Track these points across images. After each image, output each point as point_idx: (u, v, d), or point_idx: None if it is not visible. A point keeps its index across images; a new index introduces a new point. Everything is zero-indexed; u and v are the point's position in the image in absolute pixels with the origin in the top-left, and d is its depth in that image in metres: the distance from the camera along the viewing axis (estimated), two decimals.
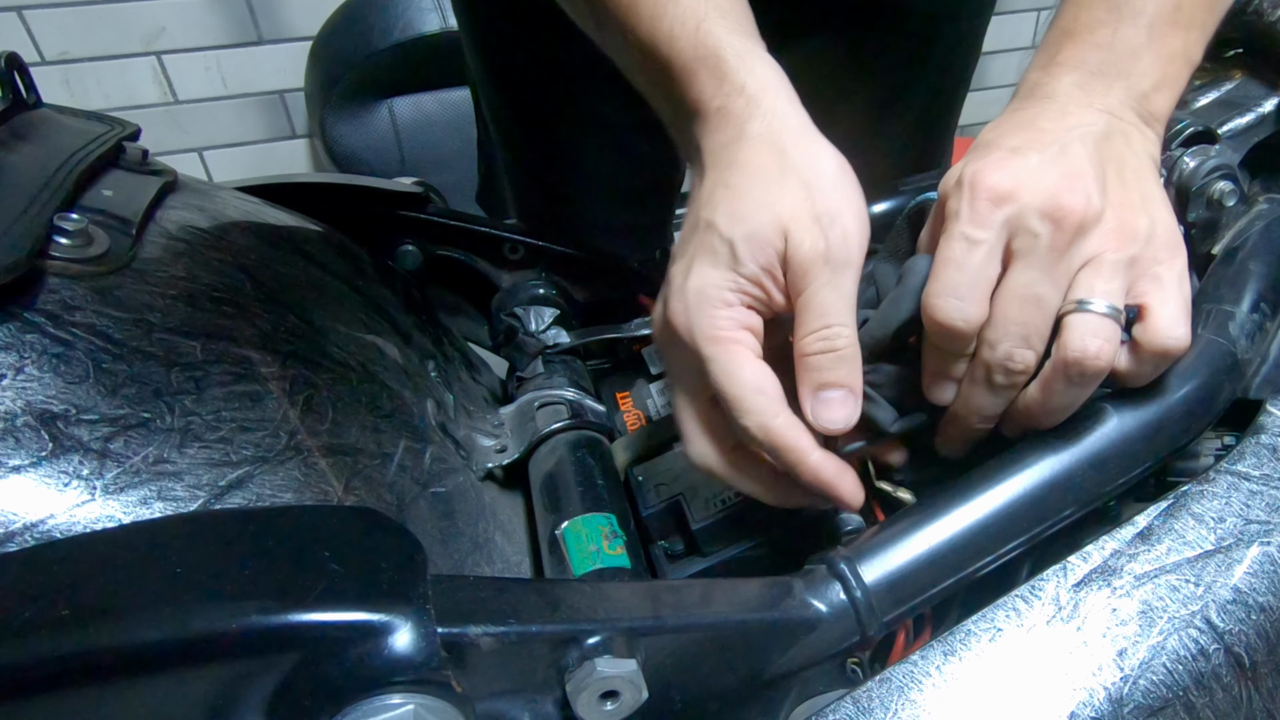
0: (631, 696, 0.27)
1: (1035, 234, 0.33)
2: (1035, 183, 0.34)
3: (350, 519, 0.27)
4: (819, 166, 0.38)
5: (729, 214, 0.37)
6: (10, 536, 0.27)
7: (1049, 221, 0.33)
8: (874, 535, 0.34)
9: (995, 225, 0.34)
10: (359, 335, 0.43)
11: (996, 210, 0.34)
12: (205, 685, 0.23)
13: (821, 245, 0.36)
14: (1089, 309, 0.33)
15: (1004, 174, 0.34)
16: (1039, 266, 0.33)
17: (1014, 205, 0.33)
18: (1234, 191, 0.42)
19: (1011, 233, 0.34)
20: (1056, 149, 0.35)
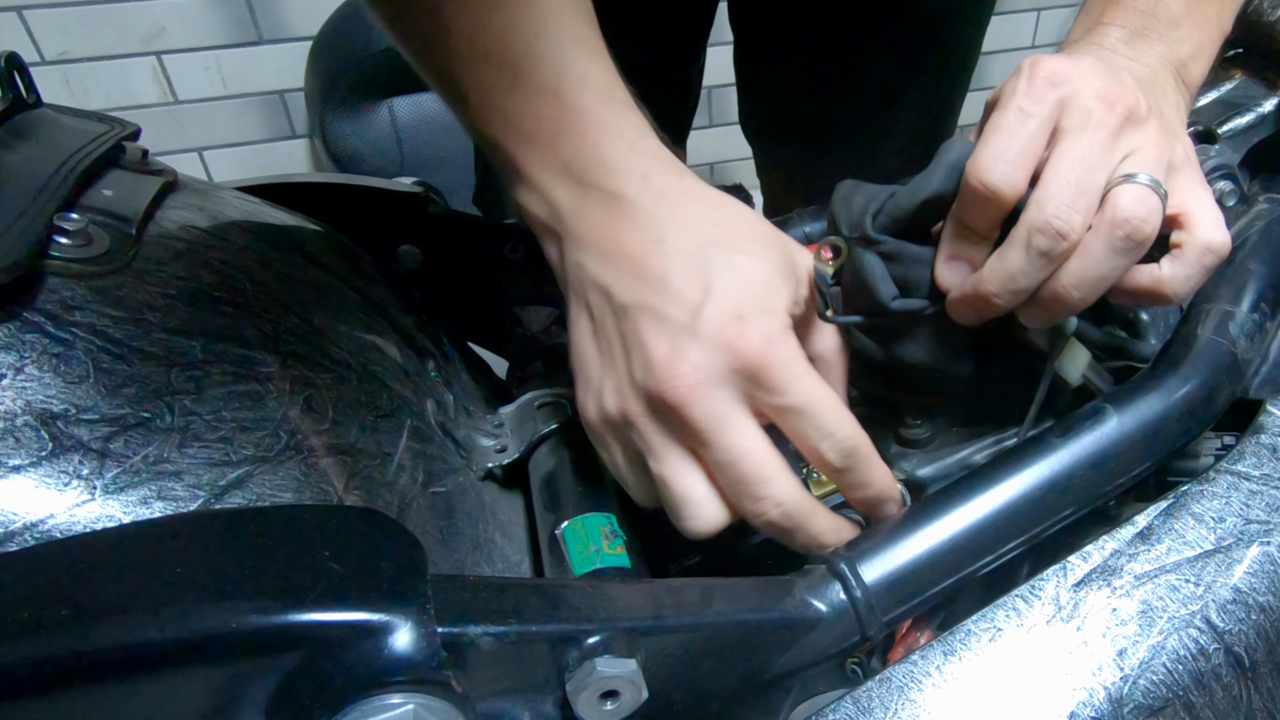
0: (631, 696, 0.27)
1: (1089, 110, 0.34)
2: (1090, 74, 0.35)
3: (350, 519, 0.27)
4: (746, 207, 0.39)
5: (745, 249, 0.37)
6: (10, 536, 0.27)
7: (1102, 103, 0.34)
8: (874, 535, 0.34)
9: (1050, 101, 0.34)
10: (359, 335, 0.43)
11: (1052, 89, 0.34)
12: (205, 685, 0.23)
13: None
14: (1137, 180, 0.34)
15: (1062, 62, 0.35)
16: (1092, 137, 0.34)
17: (1069, 87, 0.34)
18: (1234, 191, 0.42)
19: (1064, 112, 0.35)
20: (1107, 65, 0.36)
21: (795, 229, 0.57)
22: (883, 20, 0.72)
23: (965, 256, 0.36)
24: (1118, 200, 0.33)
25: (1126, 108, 0.34)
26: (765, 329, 0.35)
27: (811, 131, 0.81)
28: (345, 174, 0.77)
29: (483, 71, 0.38)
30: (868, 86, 0.77)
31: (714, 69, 0.88)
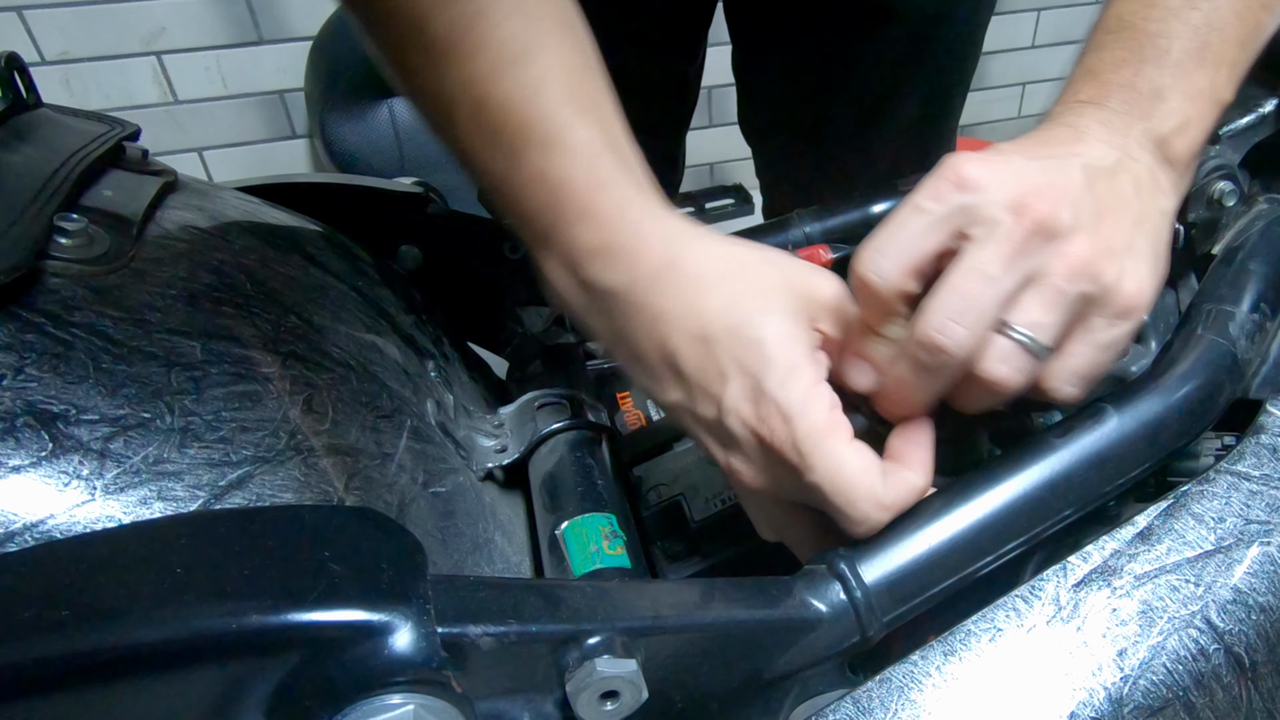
0: (631, 696, 0.27)
1: (995, 221, 0.32)
2: (1008, 180, 0.32)
3: (350, 519, 0.27)
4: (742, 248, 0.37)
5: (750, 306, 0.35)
6: (10, 536, 0.27)
7: (1012, 213, 0.31)
8: (874, 535, 0.34)
9: (949, 204, 0.32)
10: (359, 335, 0.43)
11: (955, 193, 0.32)
12: (205, 685, 0.23)
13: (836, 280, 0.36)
14: (1011, 334, 0.32)
15: (976, 166, 0.32)
16: (994, 251, 0.31)
17: (975, 194, 0.32)
18: (1234, 191, 0.42)
19: (966, 221, 0.32)
20: (1052, 163, 0.34)
21: (795, 229, 0.57)
22: (880, 20, 0.72)
23: (864, 354, 0.35)
24: (986, 352, 0.32)
25: (1038, 219, 0.31)
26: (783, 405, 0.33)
27: (810, 132, 0.81)
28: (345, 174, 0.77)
29: (491, 153, 0.37)
30: (866, 86, 0.77)
31: (714, 69, 0.88)
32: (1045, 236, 0.32)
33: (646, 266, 0.36)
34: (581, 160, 0.36)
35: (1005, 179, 0.32)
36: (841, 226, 0.58)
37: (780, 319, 0.35)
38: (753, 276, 0.36)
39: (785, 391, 0.33)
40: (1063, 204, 0.32)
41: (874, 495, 0.33)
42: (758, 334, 0.34)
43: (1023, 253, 0.32)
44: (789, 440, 0.33)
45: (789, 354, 0.34)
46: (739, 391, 0.34)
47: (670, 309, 0.35)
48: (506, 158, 0.36)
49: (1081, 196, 0.33)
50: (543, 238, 0.37)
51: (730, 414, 0.34)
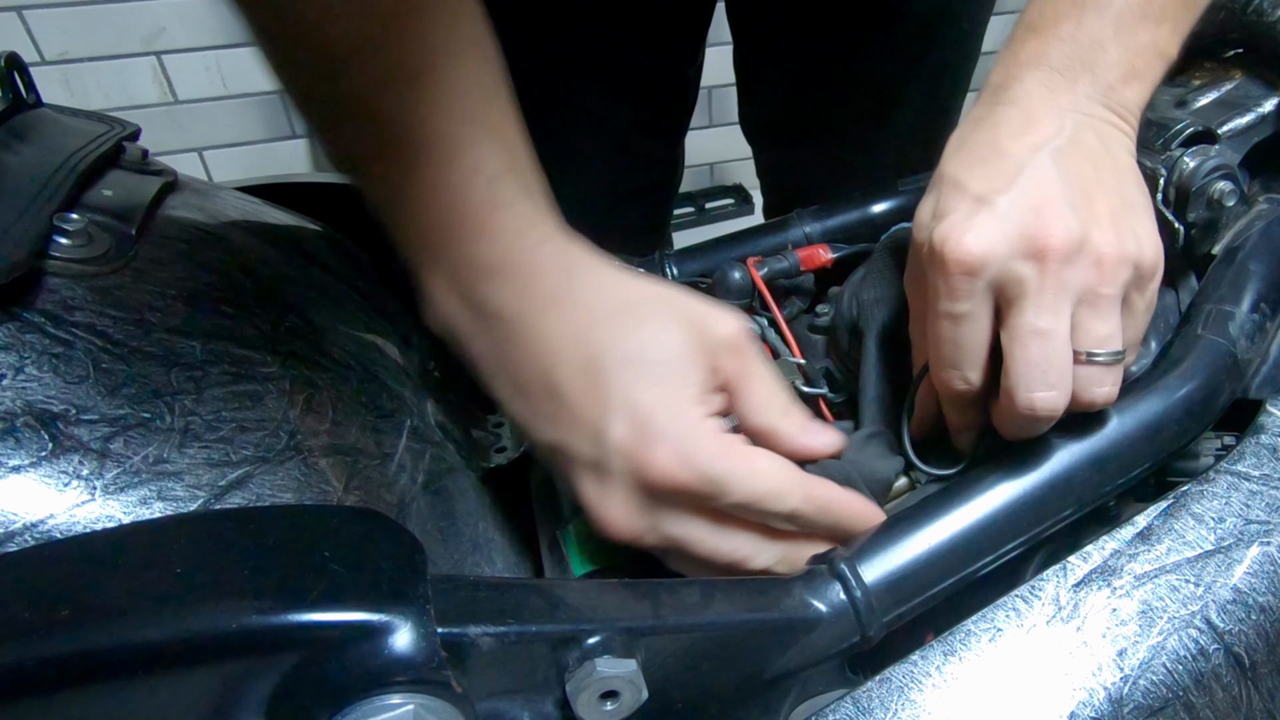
0: (631, 696, 0.27)
1: (1022, 279, 0.33)
2: (1007, 235, 0.33)
3: (350, 519, 0.27)
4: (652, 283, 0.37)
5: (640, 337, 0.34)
6: (10, 536, 0.27)
7: (1032, 261, 0.32)
8: (874, 535, 0.34)
9: (977, 293, 0.33)
10: (359, 335, 0.43)
11: (974, 279, 0.33)
12: (205, 685, 0.23)
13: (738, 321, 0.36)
14: (1096, 360, 0.33)
15: (972, 237, 0.33)
16: (1035, 305, 0.32)
17: (991, 269, 0.33)
18: (1234, 191, 0.42)
19: (998, 289, 0.33)
20: (1024, 178, 0.34)
21: (795, 229, 0.57)
22: (880, 19, 0.72)
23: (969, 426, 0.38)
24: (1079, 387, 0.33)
25: (1060, 252, 0.32)
26: (675, 440, 0.32)
27: (811, 132, 0.81)
28: None
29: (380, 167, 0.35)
30: (866, 86, 0.77)
31: (714, 69, 0.88)
32: (1070, 261, 0.32)
33: (540, 291, 0.34)
34: (481, 179, 0.35)
35: (1005, 236, 0.33)
36: (841, 226, 0.57)
37: (673, 356, 0.34)
38: (648, 311, 0.35)
39: (677, 427, 0.32)
40: (1065, 223, 0.32)
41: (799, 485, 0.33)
42: (648, 371, 0.33)
43: (1061, 288, 0.32)
44: (695, 474, 0.32)
45: (679, 392, 0.33)
46: (625, 429, 0.32)
47: (559, 337, 0.34)
48: (399, 171, 0.35)
49: (1068, 192, 0.33)
50: (431, 254, 0.36)
51: (613, 453, 0.33)
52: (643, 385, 0.33)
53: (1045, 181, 0.34)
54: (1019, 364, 0.33)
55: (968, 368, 0.35)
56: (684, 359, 0.34)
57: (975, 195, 0.34)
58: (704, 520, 0.34)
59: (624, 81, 0.73)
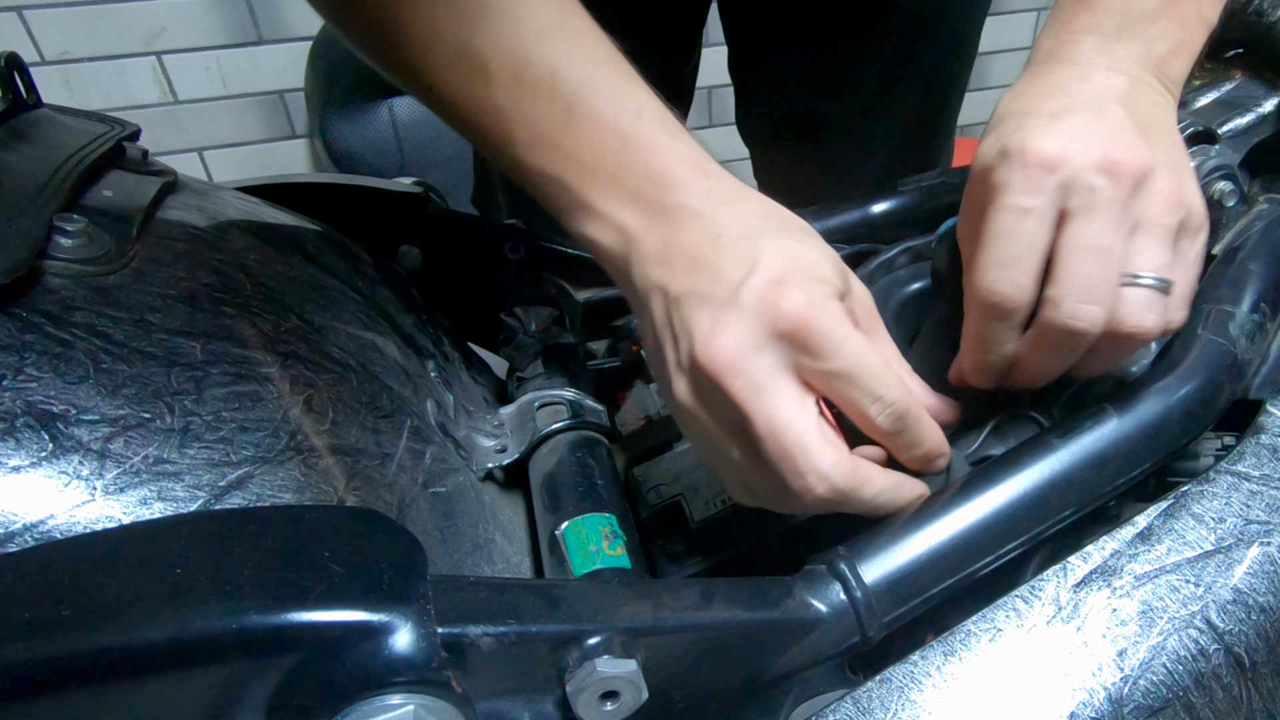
0: (631, 697, 0.27)
1: (1094, 188, 0.33)
2: (1085, 142, 0.33)
3: (350, 519, 0.27)
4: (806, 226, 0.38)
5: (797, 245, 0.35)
6: (10, 537, 0.27)
7: (1106, 175, 0.33)
8: (874, 535, 0.34)
9: (1049, 190, 0.33)
10: (359, 335, 0.43)
11: (1050, 175, 0.33)
12: (205, 685, 0.23)
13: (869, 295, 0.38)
14: (1142, 283, 0.33)
15: (1052, 138, 0.33)
16: (1102, 218, 0.33)
17: (1067, 169, 0.33)
18: (1234, 191, 0.42)
19: (1066, 195, 0.33)
20: (1094, 110, 0.34)
21: None
22: (875, 16, 0.72)
23: (987, 366, 0.37)
24: (1125, 311, 0.33)
25: (1134, 170, 0.33)
26: (808, 292, 0.33)
27: (807, 131, 0.81)
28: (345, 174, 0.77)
29: (533, 106, 0.37)
30: (861, 84, 0.77)
31: (715, 69, 0.88)
32: (1141, 184, 0.33)
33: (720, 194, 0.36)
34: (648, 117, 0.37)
35: (1083, 143, 0.33)
36: (841, 226, 0.57)
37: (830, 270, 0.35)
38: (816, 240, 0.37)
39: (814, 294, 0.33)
40: (1139, 148, 0.33)
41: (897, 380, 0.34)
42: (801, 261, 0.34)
43: (1128, 207, 0.33)
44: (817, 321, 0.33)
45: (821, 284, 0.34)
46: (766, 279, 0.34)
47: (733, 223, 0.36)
48: (562, 108, 0.37)
49: (1138, 131, 0.34)
50: (608, 174, 0.37)
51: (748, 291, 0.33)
52: (790, 260, 0.34)
53: (1116, 115, 0.34)
54: (1072, 274, 0.33)
55: (1022, 269, 0.34)
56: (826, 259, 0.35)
57: (1049, 113, 0.35)
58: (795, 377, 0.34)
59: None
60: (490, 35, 0.37)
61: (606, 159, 0.37)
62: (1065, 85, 0.36)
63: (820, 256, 0.36)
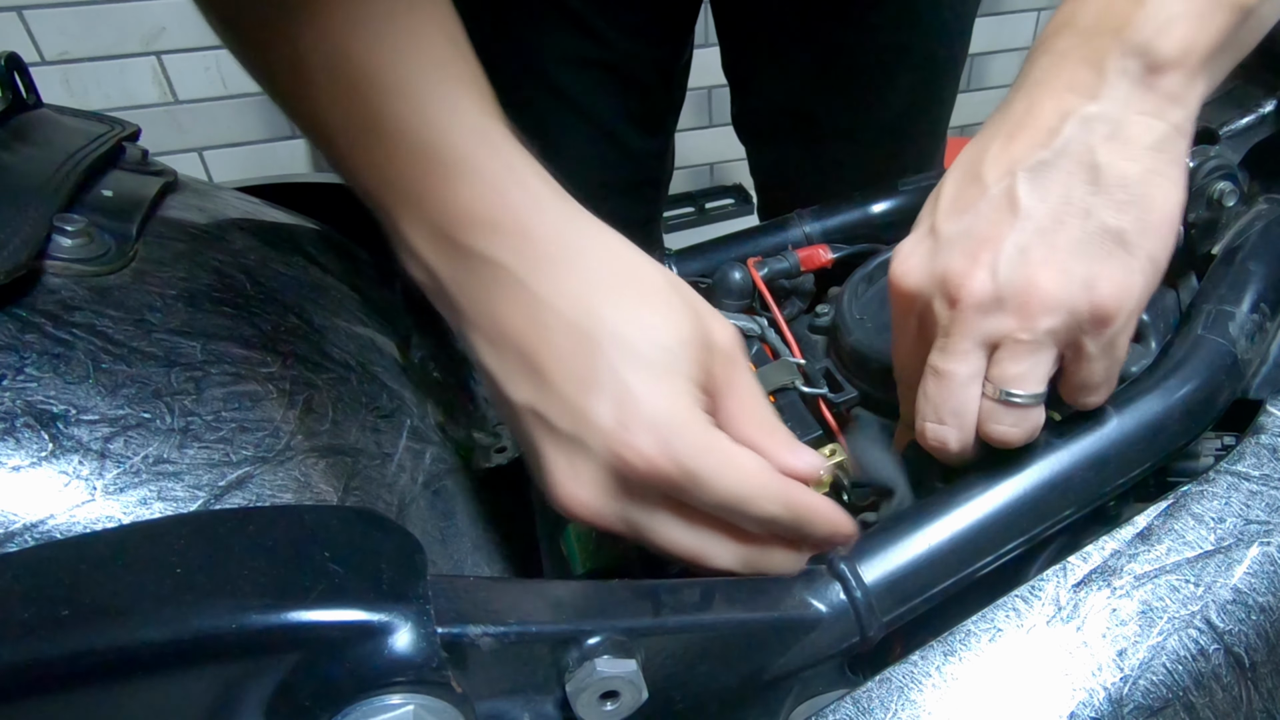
0: (631, 697, 0.27)
1: (936, 318, 0.35)
2: (932, 274, 0.35)
3: (350, 519, 0.27)
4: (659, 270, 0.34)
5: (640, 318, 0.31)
6: (10, 537, 0.27)
7: (945, 302, 0.34)
8: (874, 535, 0.34)
9: (910, 315, 0.37)
10: (359, 335, 0.43)
11: (907, 301, 0.36)
12: (205, 685, 0.23)
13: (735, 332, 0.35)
14: (1005, 399, 0.33)
15: (905, 270, 0.36)
16: (940, 345, 0.34)
17: (917, 301, 0.36)
18: (1234, 191, 0.42)
19: (921, 318, 0.36)
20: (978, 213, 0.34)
21: (795, 229, 0.57)
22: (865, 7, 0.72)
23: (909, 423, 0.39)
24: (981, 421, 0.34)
25: (971, 300, 0.33)
26: (662, 429, 0.30)
27: (801, 128, 0.81)
28: None
29: (347, 111, 0.33)
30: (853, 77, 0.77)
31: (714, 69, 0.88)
32: (984, 309, 0.33)
33: (540, 246, 0.32)
34: (465, 118, 0.33)
35: (930, 273, 0.35)
36: (841, 226, 0.57)
37: (674, 344, 0.32)
38: (654, 294, 0.33)
39: (666, 415, 0.30)
40: (992, 269, 0.33)
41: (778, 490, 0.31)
42: (645, 353, 0.31)
43: (970, 333, 0.33)
44: (674, 464, 0.30)
45: (673, 382, 0.31)
46: (610, 408, 0.30)
47: (555, 297, 0.31)
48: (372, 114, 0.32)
49: (1017, 233, 0.32)
50: (414, 199, 0.33)
51: (593, 430, 0.30)
52: (636, 367, 0.31)
53: (998, 217, 0.33)
54: (919, 395, 0.35)
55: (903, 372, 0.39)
56: (684, 351, 0.32)
57: (931, 224, 0.36)
58: (673, 514, 0.32)
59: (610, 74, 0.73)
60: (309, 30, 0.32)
61: (412, 179, 0.32)
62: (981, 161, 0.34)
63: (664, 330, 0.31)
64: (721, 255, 0.57)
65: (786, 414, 0.46)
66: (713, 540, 0.32)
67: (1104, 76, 0.32)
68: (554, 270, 0.32)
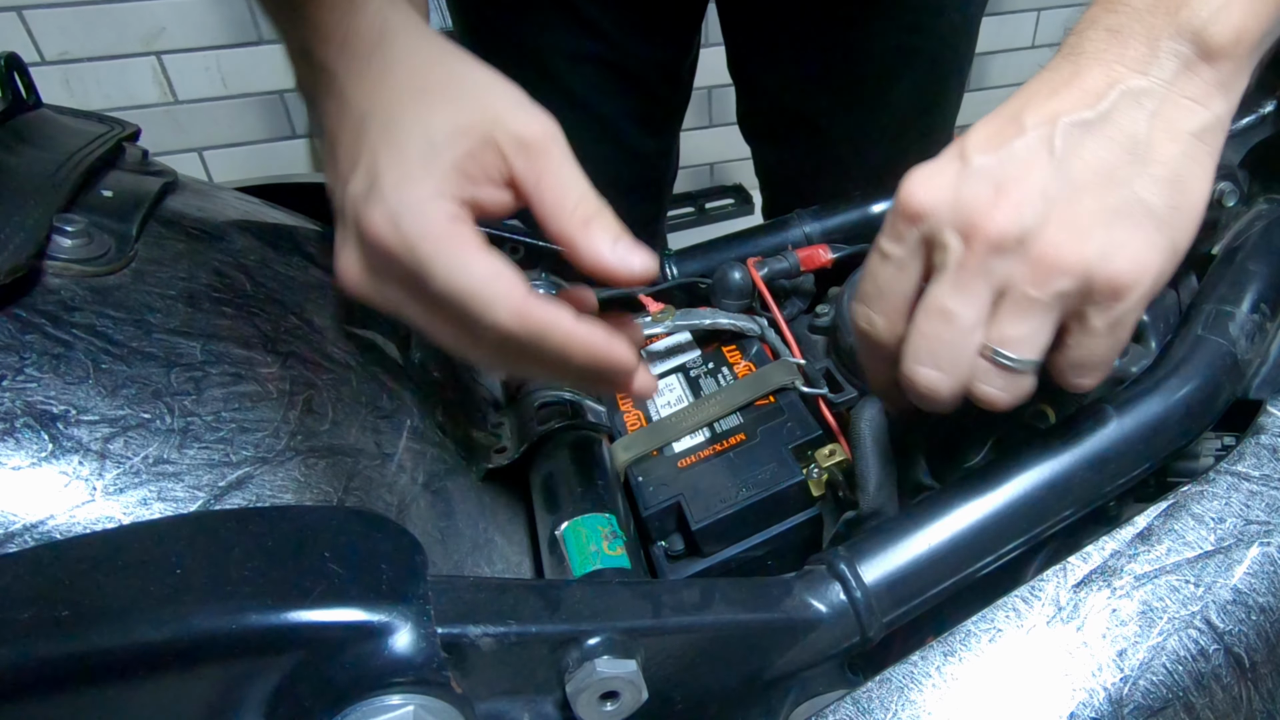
0: (631, 697, 0.27)
1: (946, 248, 0.31)
2: (957, 195, 0.31)
3: (350, 519, 0.27)
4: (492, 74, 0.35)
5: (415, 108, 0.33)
6: (10, 537, 0.27)
7: (959, 236, 0.31)
8: (874, 535, 0.34)
9: (910, 241, 0.32)
10: (359, 335, 0.43)
11: (911, 226, 0.32)
12: (205, 686, 0.23)
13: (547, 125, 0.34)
14: (996, 358, 0.31)
15: (927, 187, 0.32)
16: (948, 281, 0.31)
17: (927, 222, 0.32)
18: (1234, 191, 0.42)
19: (929, 247, 0.32)
20: (1014, 147, 0.31)
21: (795, 229, 0.57)
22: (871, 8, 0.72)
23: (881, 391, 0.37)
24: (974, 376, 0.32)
25: (990, 237, 0.30)
26: (394, 207, 0.31)
27: (806, 129, 0.81)
28: None
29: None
30: (859, 78, 0.77)
31: (714, 69, 0.88)
32: (1002, 250, 0.30)
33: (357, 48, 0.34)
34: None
35: (953, 195, 0.31)
36: (841, 226, 0.58)
37: (436, 133, 0.33)
38: (440, 89, 0.34)
39: (402, 196, 0.31)
40: (1017, 210, 0.30)
41: (511, 300, 0.31)
42: (402, 139, 0.32)
43: (982, 273, 0.31)
44: (401, 244, 0.31)
45: (421, 167, 0.32)
46: (360, 184, 0.33)
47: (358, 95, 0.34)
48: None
49: (1055, 179, 0.31)
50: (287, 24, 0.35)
51: (348, 203, 0.33)
52: (391, 153, 0.32)
53: (1032, 160, 0.31)
54: (913, 333, 0.32)
55: (876, 310, 0.34)
56: (448, 139, 0.33)
57: (962, 150, 0.32)
58: (415, 299, 0.33)
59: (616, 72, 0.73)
60: None
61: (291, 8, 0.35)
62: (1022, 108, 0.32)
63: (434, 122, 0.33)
64: (721, 255, 0.57)
65: (786, 414, 0.46)
66: (458, 335, 0.33)
67: (1156, 55, 0.31)
68: (363, 71, 0.34)
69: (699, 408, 0.48)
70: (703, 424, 0.47)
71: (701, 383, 0.50)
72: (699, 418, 0.48)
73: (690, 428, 0.47)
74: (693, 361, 0.53)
